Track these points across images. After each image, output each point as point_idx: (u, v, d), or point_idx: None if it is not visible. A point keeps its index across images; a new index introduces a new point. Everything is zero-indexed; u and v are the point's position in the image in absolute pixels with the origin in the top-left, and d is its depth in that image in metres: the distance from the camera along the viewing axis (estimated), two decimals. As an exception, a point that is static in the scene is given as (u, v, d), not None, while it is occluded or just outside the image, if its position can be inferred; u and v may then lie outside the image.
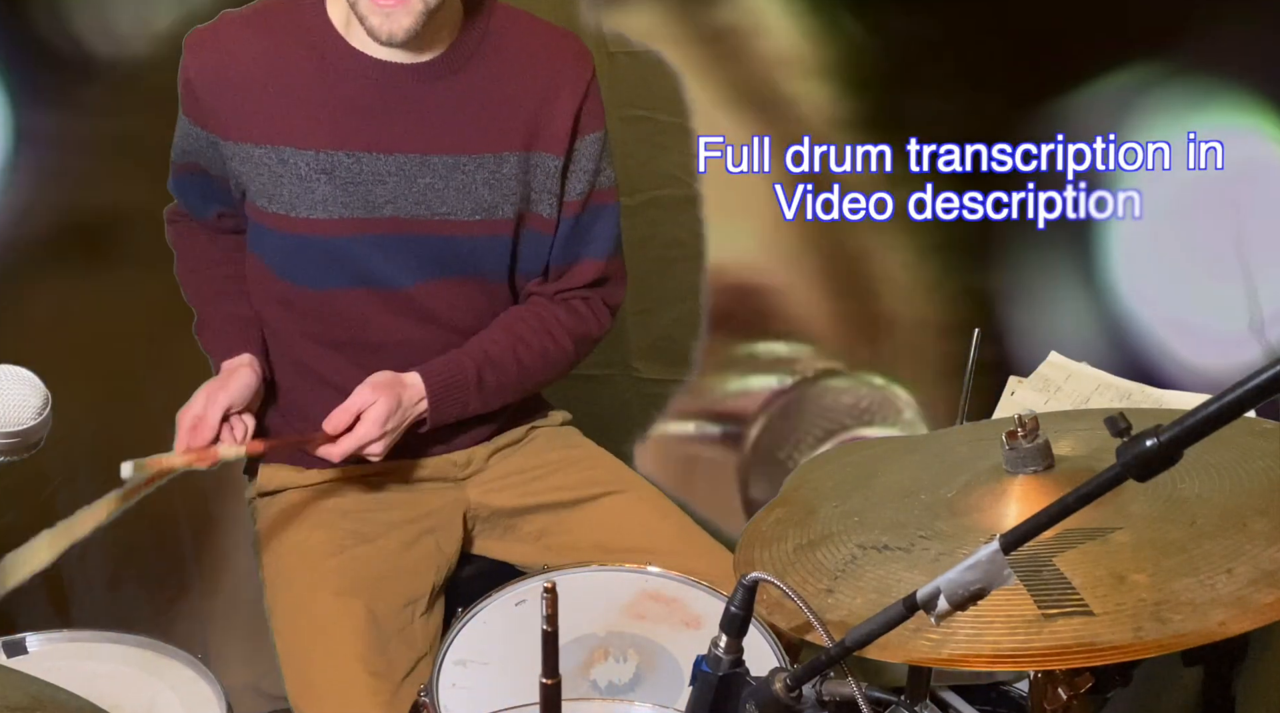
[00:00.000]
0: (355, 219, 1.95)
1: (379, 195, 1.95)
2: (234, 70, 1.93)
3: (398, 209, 1.96)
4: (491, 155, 1.98)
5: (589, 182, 2.05)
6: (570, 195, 2.05)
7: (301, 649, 1.92)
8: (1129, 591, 1.24)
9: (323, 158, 1.92)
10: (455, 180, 1.96)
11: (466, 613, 1.86)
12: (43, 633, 1.86)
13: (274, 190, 1.94)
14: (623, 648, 1.82)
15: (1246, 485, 1.38)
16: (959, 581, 1.14)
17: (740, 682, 1.31)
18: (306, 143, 1.92)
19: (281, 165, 1.93)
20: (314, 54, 1.93)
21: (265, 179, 1.94)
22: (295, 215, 1.95)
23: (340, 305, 2.00)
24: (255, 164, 1.94)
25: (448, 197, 1.97)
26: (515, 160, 1.99)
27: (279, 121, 1.93)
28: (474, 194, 1.98)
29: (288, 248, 1.98)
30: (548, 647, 1.35)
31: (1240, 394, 1.03)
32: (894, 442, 1.74)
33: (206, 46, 1.95)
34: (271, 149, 1.92)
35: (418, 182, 1.95)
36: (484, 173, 1.97)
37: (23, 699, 1.17)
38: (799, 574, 1.42)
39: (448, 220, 1.98)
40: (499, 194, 1.99)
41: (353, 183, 1.93)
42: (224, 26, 1.97)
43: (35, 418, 1.47)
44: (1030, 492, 1.41)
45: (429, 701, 1.71)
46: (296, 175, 1.93)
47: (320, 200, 1.94)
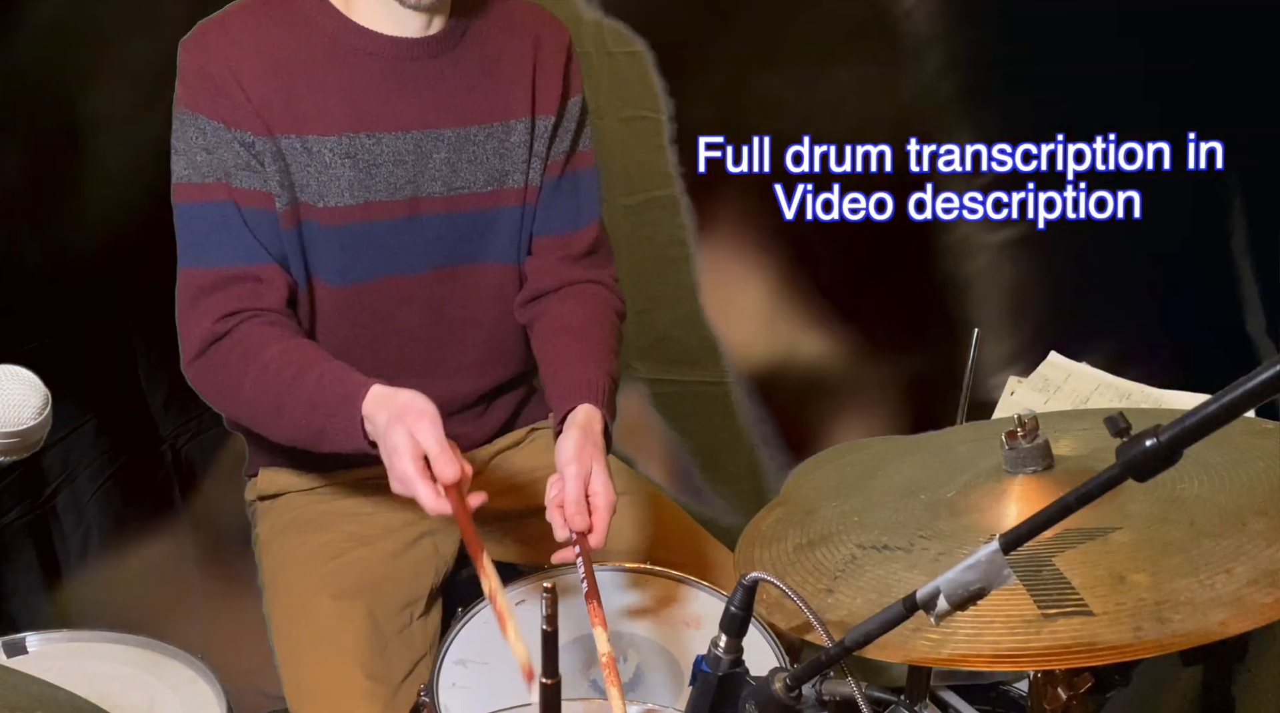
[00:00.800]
0: (377, 202, 1.93)
1: (400, 175, 1.93)
2: (252, 61, 1.88)
3: (417, 188, 1.95)
4: (501, 124, 1.98)
5: (572, 142, 2.06)
6: (556, 155, 2.04)
7: (300, 652, 1.92)
8: (1129, 591, 1.25)
9: (345, 141, 1.90)
10: (468, 152, 1.96)
11: (466, 613, 1.86)
12: (43, 633, 1.86)
13: (302, 182, 1.90)
14: (623, 648, 1.82)
15: (1246, 485, 1.38)
16: (959, 581, 1.14)
17: (740, 682, 1.31)
18: (328, 128, 1.89)
19: (307, 154, 1.89)
20: (323, 37, 1.91)
21: (295, 173, 1.89)
22: (323, 205, 1.91)
23: (362, 298, 1.98)
24: (280, 159, 1.88)
25: (462, 170, 1.96)
26: (523, 127, 2.00)
27: (300, 110, 1.89)
28: (486, 164, 1.98)
29: (313, 241, 1.94)
30: (548, 647, 1.35)
31: (1240, 394, 1.03)
32: (894, 442, 1.74)
33: (221, 39, 1.90)
34: (296, 139, 1.88)
35: (434, 157, 1.94)
36: (494, 142, 1.98)
37: (23, 699, 1.17)
38: (799, 574, 1.42)
39: (462, 195, 1.97)
40: (509, 162, 2.00)
41: (374, 165, 1.92)
42: (231, 17, 1.93)
43: (35, 418, 1.47)
44: (1030, 492, 1.41)
45: (429, 700, 1.71)
46: (321, 163, 1.90)
47: (347, 186, 1.91)
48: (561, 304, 2.06)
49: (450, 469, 1.67)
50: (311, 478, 2.07)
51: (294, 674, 1.91)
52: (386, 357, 2.00)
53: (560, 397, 1.90)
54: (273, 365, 1.83)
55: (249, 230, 1.88)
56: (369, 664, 1.87)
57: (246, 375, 1.84)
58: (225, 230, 1.88)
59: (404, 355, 2.01)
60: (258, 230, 1.88)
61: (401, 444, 1.69)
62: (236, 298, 1.87)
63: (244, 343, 1.86)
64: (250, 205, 1.88)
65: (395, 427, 1.70)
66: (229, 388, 1.88)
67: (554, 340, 2.02)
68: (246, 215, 1.88)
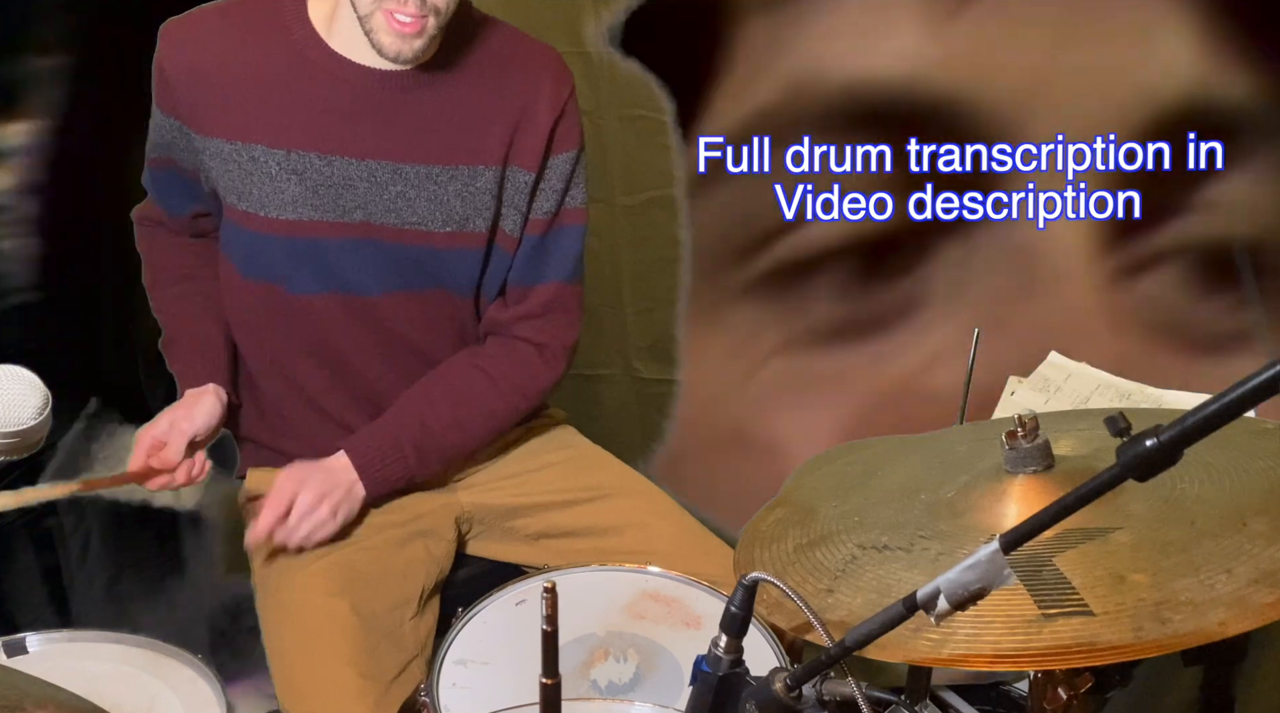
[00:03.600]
0: (325, 222, 1.94)
1: (349, 199, 1.94)
2: (208, 63, 1.92)
3: (368, 215, 1.95)
4: (466, 167, 1.96)
5: (558, 200, 2.03)
6: (537, 213, 2.02)
7: (290, 650, 1.92)
8: (1129, 591, 1.25)
9: (294, 158, 1.91)
10: (427, 190, 1.95)
11: (466, 613, 1.86)
12: (43, 633, 1.86)
13: (244, 188, 1.93)
14: (623, 648, 1.82)
15: (1246, 485, 1.38)
16: (959, 581, 1.14)
17: (740, 682, 1.31)
18: (277, 142, 1.91)
19: (252, 163, 1.92)
20: (292, 52, 1.92)
21: (235, 176, 1.93)
22: (265, 214, 1.94)
23: (311, 309, 1.99)
24: (225, 160, 1.93)
25: (419, 206, 1.95)
26: (490, 174, 1.97)
27: (251, 118, 1.91)
28: (446, 205, 1.96)
29: (258, 246, 1.97)
30: (548, 647, 1.35)
31: (1240, 394, 1.03)
32: (894, 442, 1.74)
33: (180, 36, 1.94)
34: (242, 146, 1.91)
35: (389, 189, 1.94)
36: (457, 185, 1.96)
37: (22, 699, 1.17)
38: (799, 574, 1.42)
39: (418, 230, 1.97)
40: (471, 207, 1.98)
41: (323, 185, 1.92)
42: (200, 17, 1.95)
43: (35, 418, 1.47)
44: (1030, 492, 1.41)
45: (429, 700, 1.71)
46: (266, 174, 1.92)
47: (290, 201, 1.93)
48: (468, 353, 2.07)
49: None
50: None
51: (285, 673, 1.91)
52: (354, 368, 2.03)
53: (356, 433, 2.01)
54: (167, 295, 2.10)
55: (189, 188, 2.04)
56: (359, 662, 1.87)
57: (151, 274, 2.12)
58: (172, 184, 2.06)
59: (368, 370, 2.03)
60: (197, 190, 2.03)
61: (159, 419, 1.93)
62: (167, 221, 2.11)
63: (155, 242, 2.13)
64: (186, 169, 2.02)
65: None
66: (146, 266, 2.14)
67: (422, 375, 2.05)
68: (188, 177, 2.02)
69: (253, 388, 2.07)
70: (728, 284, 2.84)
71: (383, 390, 2.04)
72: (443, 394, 2.03)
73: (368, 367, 2.03)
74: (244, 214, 1.95)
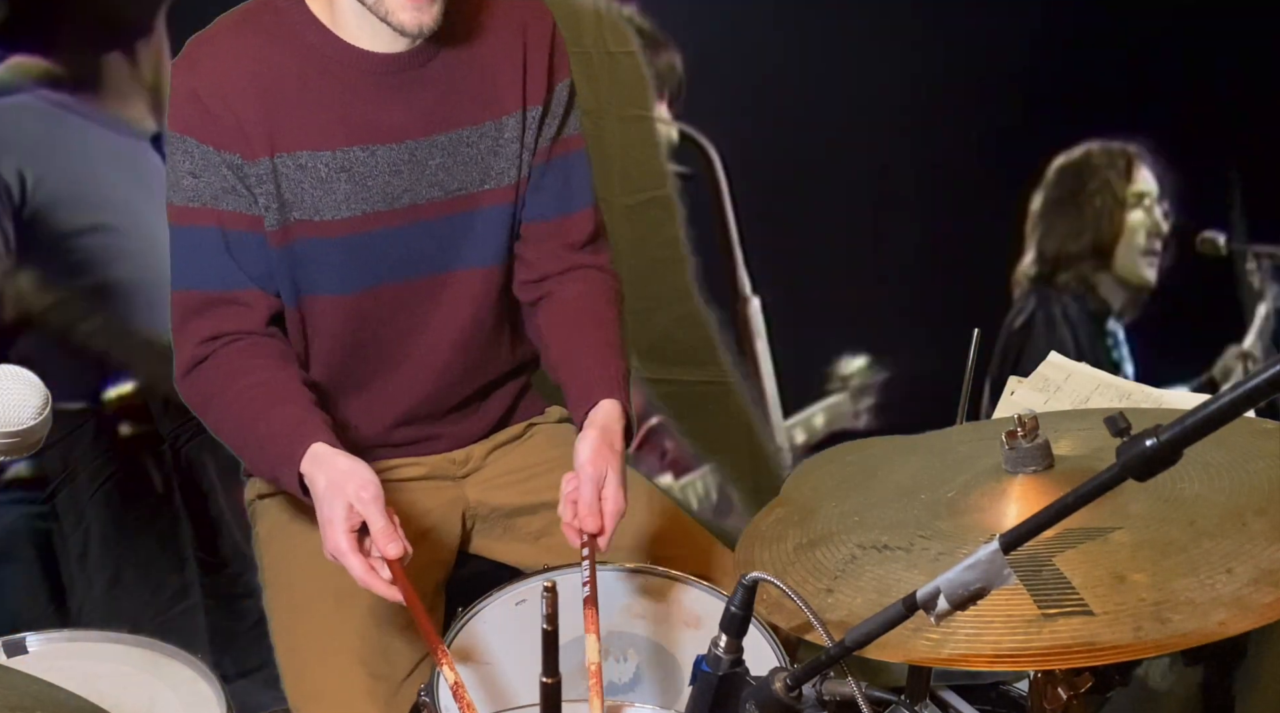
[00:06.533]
0: (375, 213, 1.94)
1: (395, 186, 1.94)
2: (242, 80, 1.88)
3: (415, 197, 1.95)
4: (492, 123, 1.98)
5: (558, 126, 2.05)
6: (543, 141, 2.04)
7: (301, 650, 1.92)
8: (1129, 590, 1.25)
9: (340, 156, 1.91)
10: (461, 154, 1.96)
11: (466, 613, 1.86)
12: (43, 633, 1.86)
13: (296, 199, 1.91)
14: (623, 648, 1.82)
15: (1246, 485, 1.38)
16: (959, 580, 1.14)
17: (740, 682, 1.31)
18: (322, 144, 1.90)
19: (300, 172, 1.90)
20: (310, 53, 1.91)
21: (286, 192, 1.90)
22: (319, 219, 1.92)
23: (364, 306, 1.99)
24: (273, 180, 1.89)
25: (457, 172, 1.97)
26: (513, 122, 2.00)
27: (293, 127, 1.89)
28: (481, 164, 1.98)
29: (309, 255, 1.94)
30: (548, 647, 1.35)
31: (1240, 394, 1.03)
32: (894, 442, 1.74)
33: (210, 58, 1.90)
34: (289, 157, 1.89)
35: (429, 164, 1.95)
36: (487, 141, 1.98)
37: (23, 699, 1.17)
38: (799, 574, 1.42)
39: (460, 196, 1.98)
40: (504, 159, 2.00)
41: (370, 177, 1.92)
42: (221, 35, 1.92)
43: (35, 418, 1.47)
44: (1030, 492, 1.41)
45: (429, 700, 1.71)
46: (316, 178, 1.90)
47: (343, 199, 1.92)
48: (568, 288, 2.06)
49: (393, 547, 1.70)
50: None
51: (295, 673, 1.91)
52: (385, 360, 2.01)
53: (581, 392, 1.92)
54: (239, 401, 1.88)
55: (232, 256, 1.91)
56: (371, 662, 1.87)
57: (222, 401, 1.90)
58: (210, 255, 1.91)
59: (421, 354, 2.02)
60: (243, 254, 1.91)
61: (337, 517, 1.71)
62: (219, 321, 1.92)
63: (223, 367, 1.91)
64: (237, 228, 1.90)
65: (334, 496, 1.72)
66: (208, 410, 1.94)
67: (566, 328, 2.03)
68: (231, 239, 1.91)
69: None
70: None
71: (418, 374, 2.04)
72: (591, 324, 2.01)
73: (423, 350, 2.02)
74: (293, 226, 1.92)
